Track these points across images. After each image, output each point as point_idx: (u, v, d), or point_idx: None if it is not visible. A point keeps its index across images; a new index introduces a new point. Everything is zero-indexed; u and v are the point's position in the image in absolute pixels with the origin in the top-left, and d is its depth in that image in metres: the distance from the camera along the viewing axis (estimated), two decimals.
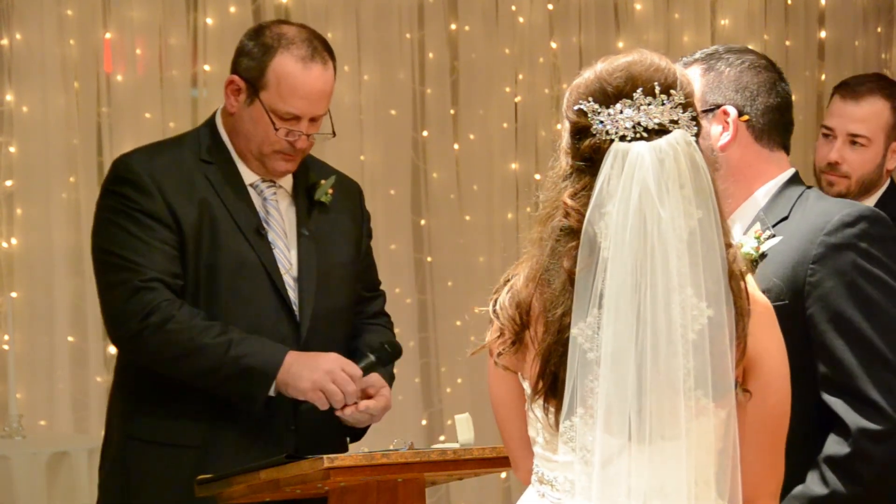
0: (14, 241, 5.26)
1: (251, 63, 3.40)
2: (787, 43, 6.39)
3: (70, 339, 5.22)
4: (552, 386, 2.23)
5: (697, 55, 2.82)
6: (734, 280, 2.24)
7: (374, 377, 3.46)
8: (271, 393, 3.33)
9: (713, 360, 2.19)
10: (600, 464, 2.18)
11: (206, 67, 5.43)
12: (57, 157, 5.27)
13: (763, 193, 2.77)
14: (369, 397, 3.42)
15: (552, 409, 2.24)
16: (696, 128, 2.28)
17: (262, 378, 3.31)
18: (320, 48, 3.42)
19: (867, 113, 4.16)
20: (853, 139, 4.16)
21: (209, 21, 5.46)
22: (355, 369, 3.36)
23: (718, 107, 2.76)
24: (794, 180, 2.79)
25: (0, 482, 4.56)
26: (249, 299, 3.39)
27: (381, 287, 3.77)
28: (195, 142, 3.49)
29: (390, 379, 3.53)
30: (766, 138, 2.78)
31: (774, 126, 2.79)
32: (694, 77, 2.78)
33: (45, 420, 5.21)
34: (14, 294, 5.23)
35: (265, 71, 3.38)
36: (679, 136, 2.24)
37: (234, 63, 3.45)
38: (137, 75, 5.37)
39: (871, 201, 4.17)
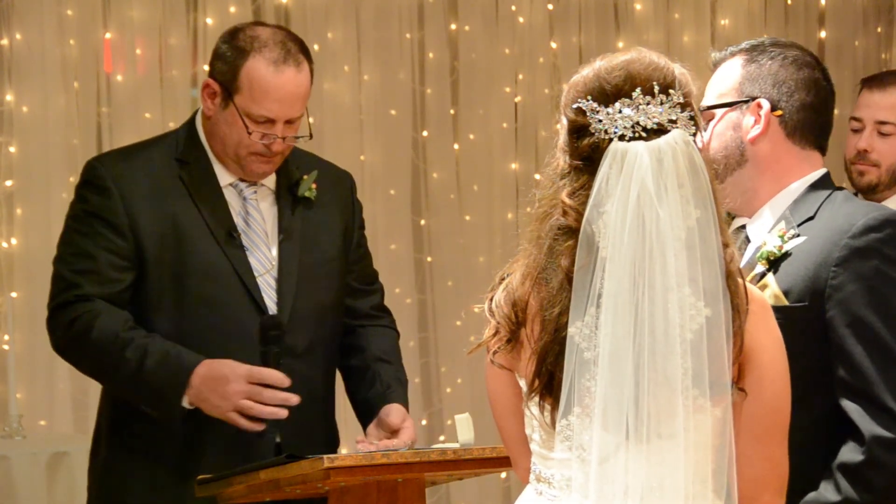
0: (14, 241, 5.26)
1: (224, 66, 3.39)
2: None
3: None
4: (548, 384, 2.23)
5: (743, 45, 2.80)
6: (731, 279, 2.24)
7: (394, 411, 3.42)
8: (187, 406, 3.31)
9: (710, 359, 2.19)
10: (597, 462, 2.18)
11: (206, 67, 5.42)
12: (57, 157, 5.27)
13: (791, 191, 2.74)
14: (395, 432, 3.39)
15: (548, 408, 2.25)
16: (694, 127, 2.28)
17: (172, 399, 3.29)
18: (294, 50, 3.39)
19: (894, 100, 4.17)
20: (881, 127, 4.18)
21: (209, 21, 5.46)
22: (267, 374, 3.27)
23: (753, 99, 2.74)
24: (824, 181, 2.76)
25: (0, 482, 4.56)
26: (219, 304, 3.37)
27: (380, 280, 3.74)
28: (172, 142, 3.49)
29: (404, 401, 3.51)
30: (799, 136, 2.75)
31: (809, 124, 2.76)
32: (735, 67, 2.77)
33: (45, 420, 5.21)
34: (14, 294, 5.23)
35: (238, 74, 3.36)
36: (677, 136, 2.24)
37: (210, 66, 3.45)
38: (137, 75, 5.38)
39: None
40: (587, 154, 2.26)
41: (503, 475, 5.63)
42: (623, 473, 2.17)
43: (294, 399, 3.26)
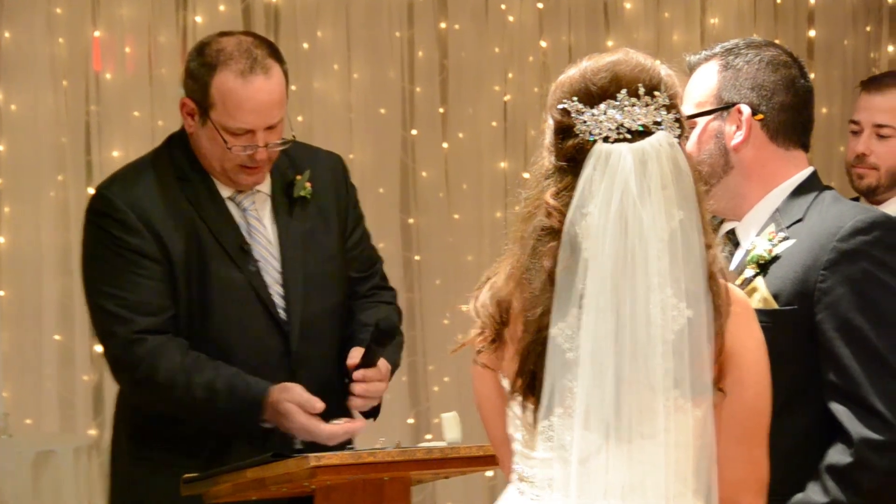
0: (2, 239, 5.25)
1: (195, 84, 3.38)
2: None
3: (57, 337, 5.22)
4: (530, 384, 2.24)
5: (717, 49, 2.79)
6: (713, 280, 2.24)
7: (354, 352, 3.44)
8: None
9: (691, 360, 2.19)
10: (578, 461, 2.18)
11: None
12: (46, 156, 5.27)
13: (779, 193, 2.74)
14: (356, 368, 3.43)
15: (530, 407, 2.25)
16: (679, 129, 2.28)
17: (251, 427, 3.34)
18: (261, 57, 3.36)
19: (892, 103, 4.18)
20: (879, 130, 4.18)
21: (198, 19, 5.46)
22: (316, 403, 3.32)
23: (733, 105, 2.74)
24: (812, 181, 2.75)
25: None
26: (239, 320, 3.39)
27: (380, 263, 3.72)
28: (169, 160, 3.47)
29: (392, 357, 3.52)
30: (782, 137, 2.74)
31: (791, 125, 2.75)
32: (711, 72, 2.76)
33: (31, 419, 5.20)
34: (2, 292, 5.23)
35: (209, 90, 3.35)
36: (662, 138, 2.24)
37: (184, 85, 3.44)
38: (126, 74, 5.37)
39: None
40: (571, 155, 2.26)
41: (489, 474, 5.63)
42: (604, 473, 2.18)
43: (357, 428, 3.36)
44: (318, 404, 3.29)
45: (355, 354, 3.44)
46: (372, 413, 3.51)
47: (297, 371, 3.42)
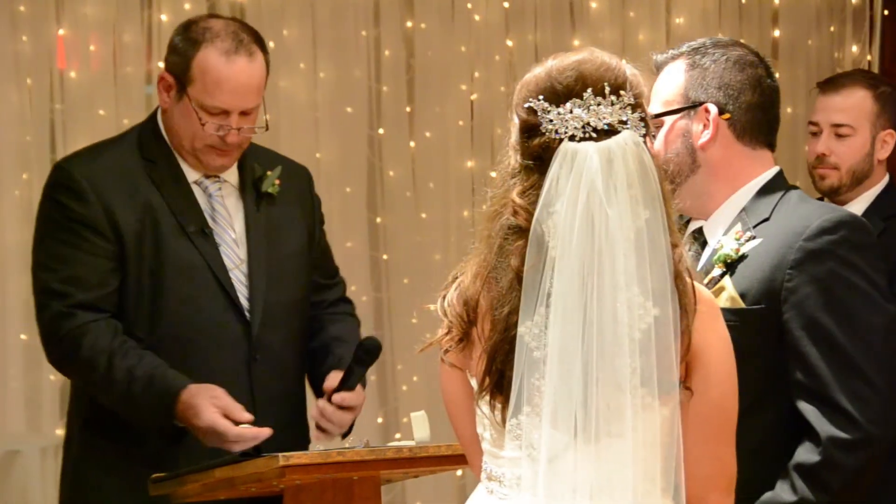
0: None
1: (177, 58, 3.40)
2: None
3: (23, 336, 5.18)
4: (498, 383, 2.24)
5: (683, 48, 2.80)
6: (680, 279, 2.25)
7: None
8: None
9: (658, 359, 2.20)
10: (546, 460, 2.19)
11: (161, 64, 5.38)
12: (9, 154, 5.23)
13: (745, 193, 2.75)
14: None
15: (498, 406, 2.26)
16: (644, 128, 2.29)
17: (163, 422, 3.28)
18: (247, 41, 3.39)
19: (848, 102, 4.20)
20: (837, 130, 4.20)
21: (163, 18, 5.43)
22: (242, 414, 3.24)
23: (700, 104, 2.75)
24: (777, 180, 2.77)
25: None
26: (196, 301, 3.37)
27: (340, 274, 3.75)
28: (137, 140, 3.48)
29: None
30: (749, 137, 2.76)
31: (757, 124, 2.76)
32: (678, 72, 2.78)
33: None
34: None
35: (190, 65, 3.36)
36: (627, 137, 2.25)
37: (165, 59, 3.46)
38: (91, 72, 5.34)
39: (868, 196, 4.21)
40: (538, 153, 2.27)
41: (459, 473, 5.63)
42: (572, 472, 2.19)
43: (265, 433, 3.23)
44: (245, 415, 3.23)
45: (333, 378, 3.43)
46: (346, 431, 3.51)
47: (256, 355, 3.41)
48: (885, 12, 6.28)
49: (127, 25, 5.38)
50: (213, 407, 3.22)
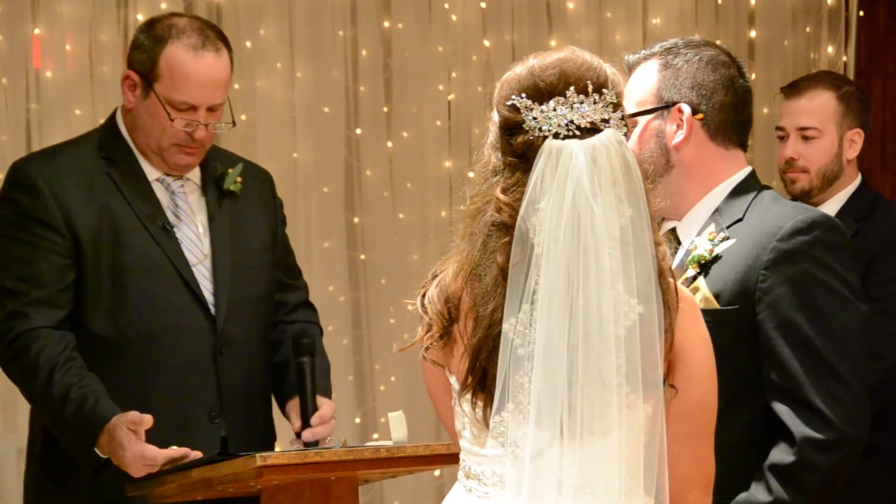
0: None
1: (143, 55, 3.39)
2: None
3: None
4: (481, 381, 2.24)
5: (656, 48, 2.81)
6: (663, 277, 2.25)
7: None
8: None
9: (643, 356, 2.20)
10: (530, 458, 2.18)
11: None
12: None
13: (718, 193, 2.76)
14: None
15: (480, 404, 2.25)
16: (625, 127, 2.29)
17: (89, 434, 3.23)
18: (213, 36, 3.40)
19: (812, 105, 4.22)
20: (804, 133, 4.22)
21: (140, 17, 5.41)
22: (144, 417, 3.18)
23: (674, 104, 2.75)
24: (751, 180, 2.78)
25: None
26: (158, 297, 3.36)
27: (304, 278, 3.74)
28: (95, 140, 3.47)
29: (323, 375, 3.50)
30: (722, 137, 2.77)
31: (730, 124, 2.77)
32: (651, 72, 2.78)
33: None
34: None
35: (157, 62, 3.36)
36: (611, 136, 2.25)
37: (129, 58, 3.45)
38: (67, 71, 5.31)
39: (841, 197, 4.22)
40: (521, 151, 2.26)
41: (437, 472, 5.63)
42: (556, 470, 2.18)
43: (194, 454, 3.18)
44: (147, 418, 3.17)
45: (294, 417, 3.40)
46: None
47: (221, 348, 3.40)
48: (861, 13, 6.31)
49: (103, 25, 5.35)
50: (134, 435, 3.15)
